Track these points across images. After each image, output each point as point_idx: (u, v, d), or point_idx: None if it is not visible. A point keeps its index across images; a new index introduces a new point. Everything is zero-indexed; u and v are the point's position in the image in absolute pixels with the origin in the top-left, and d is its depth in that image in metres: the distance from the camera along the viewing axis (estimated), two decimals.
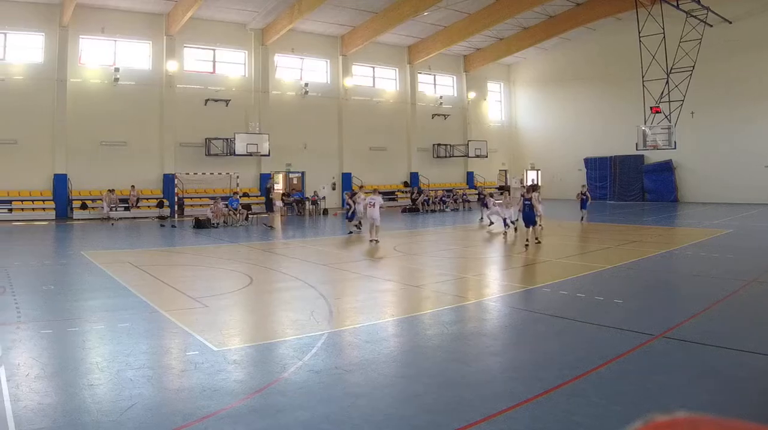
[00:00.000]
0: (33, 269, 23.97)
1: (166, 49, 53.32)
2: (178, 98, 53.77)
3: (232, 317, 16.75)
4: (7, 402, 9.58)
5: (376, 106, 66.63)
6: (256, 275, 23.25)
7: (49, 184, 49.23)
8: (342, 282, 21.95)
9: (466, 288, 20.80)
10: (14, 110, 47.13)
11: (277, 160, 58.72)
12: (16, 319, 15.36)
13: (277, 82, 60.04)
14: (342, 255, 29.86)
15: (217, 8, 52.70)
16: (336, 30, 61.43)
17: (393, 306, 18.18)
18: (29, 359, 12.16)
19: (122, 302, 17.62)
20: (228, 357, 12.34)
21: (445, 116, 71.82)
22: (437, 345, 13.65)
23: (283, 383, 10.79)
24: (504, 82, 79.81)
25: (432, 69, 71.08)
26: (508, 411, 9.40)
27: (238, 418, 9.29)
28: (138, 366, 11.60)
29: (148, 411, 9.48)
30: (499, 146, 76.63)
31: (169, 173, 53.45)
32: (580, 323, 15.16)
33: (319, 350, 12.78)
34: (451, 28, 62.51)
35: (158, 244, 34.97)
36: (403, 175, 68.54)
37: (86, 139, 49.87)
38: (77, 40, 50.26)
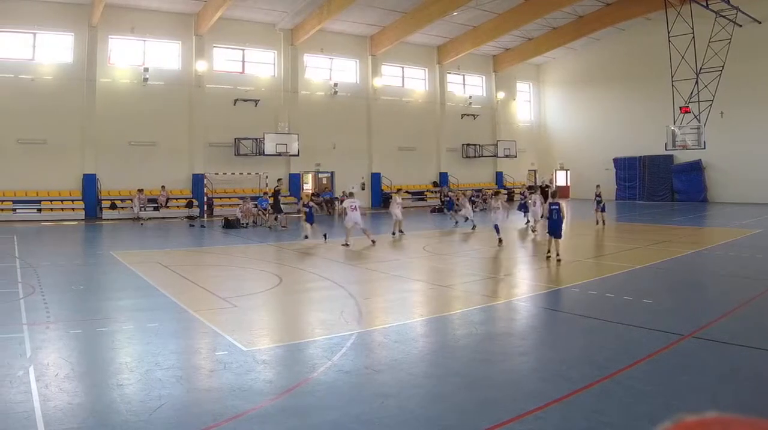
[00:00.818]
0: (62, 269, 23.82)
1: (196, 49, 52.62)
2: (208, 98, 53.11)
3: (261, 317, 16.67)
4: (37, 402, 9.53)
5: (406, 106, 65.68)
6: (285, 275, 23.07)
7: (78, 185, 48.61)
8: (371, 282, 21.82)
9: (495, 288, 20.53)
10: (44, 110, 46.56)
11: (307, 160, 57.86)
12: (45, 319, 15.30)
13: (307, 82, 59.20)
14: (371, 255, 29.18)
15: (247, 8, 51.95)
16: (365, 30, 60.57)
17: (422, 306, 18.05)
18: (58, 359, 12.10)
19: (151, 302, 17.63)
20: (257, 357, 12.26)
21: (474, 116, 70.74)
22: (466, 345, 13.59)
23: (312, 383, 10.71)
24: (533, 82, 78.58)
25: (461, 69, 69.92)
26: (537, 411, 9.29)
27: (267, 418, 9.24)
28: (167, 366, 11.55)
29: (177, 411, 9.44)
30: (527, 146, 75.41)
31: (198, 173, 52.70)
32: (609, 322, 15.09)
33: (348, 350, 12.71)
34: (480, 28, 61.55)
35: (187, 244, 34.63)
36: (432, 175, 67.49)
37: (115, 139, 49.25)
38: (107, 40, 49.66)
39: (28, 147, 46.69)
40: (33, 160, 46.62)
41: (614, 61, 69.11)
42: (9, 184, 45.90)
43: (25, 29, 46.91)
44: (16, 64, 46.66)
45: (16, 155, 46.25)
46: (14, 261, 25.60)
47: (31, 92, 46.47)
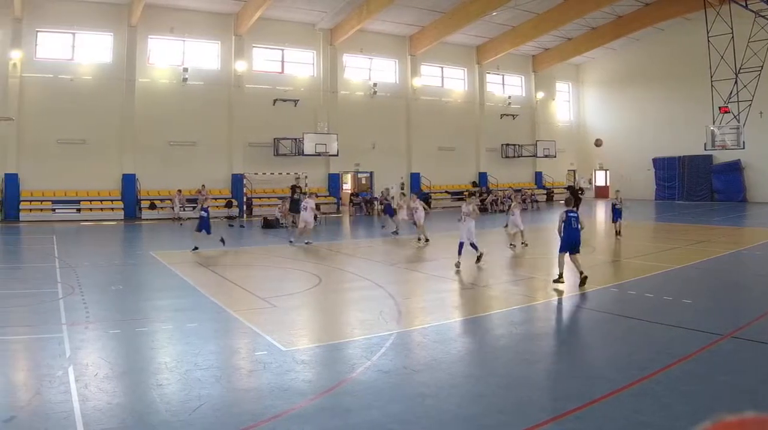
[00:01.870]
0: (101, 270, 23.57)
1: (235, 49, 51.59)
2: (247, 98, 52.05)
3: (300, 317, 16.52)
4: (76, 402, 9.39)
5: (445, 106, 64.05)
6: (324, 275, 22.71)
7: (117, 184, 47.67)
8: (410, 282, 21.67)
9: (535, 288, 20.38)
10: (83, 110, 45.70)
11: (346, 160, 56.58)
12: (84, 319, 15.15)
13: (346, 82, 57.92)
14: (410, 255, 28.91)
15: (286, 8, 50.78)
16: (404, 30, 59.03)
17: (461, 306, 17.88)
18: (98, 359, 11.99)
19: (191, 302, 17.54)
20: (297, 357, 12.15)
21: (514, 116, 68.92)
22: (505, 345, 13.52)
23: (351, 383, 10.60)
24: (572, 82, 76.61)
25: (500, 69, 68.11)
26: (577, 411, 9.19)
27: (307, 418, 9.14)
28: (206, 366, 11.43)
29: (216, 411, 9.35)
30: (567, 146, 73.47)
31: (237, 173, 51.68)
32: (648, 322, 14.93)
33: (387, 350, 12.60)
34: (519, 28, 60.00)
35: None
36: (471, 175, 65.83)
37: (155, 139, 48.34)
38: (146, 40, 48.74)
39: (68, 147, 45.79)
40: (72, 161, 45.70)
41: (653, 61, 67.38)
42: (48, 184, 45.09)
43: (64, 29, 46.05)
44: (56, 64, 45.82)
45: (56, 155, 45.36)
46: (54, 261, 25.30)
47: (70, 92, 45.58)
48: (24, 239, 36.35)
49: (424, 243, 31.43)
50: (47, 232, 36.54)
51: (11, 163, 44.24)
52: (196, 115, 50.00)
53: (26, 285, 20.46)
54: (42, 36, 45.85)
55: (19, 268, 25.26)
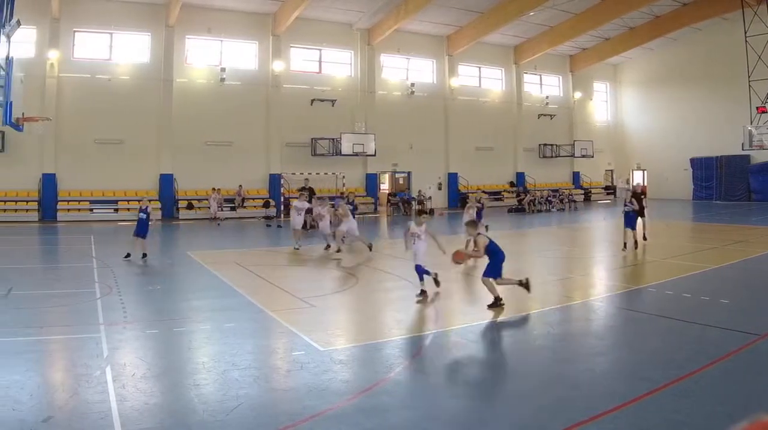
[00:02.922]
0: (139, 270, 23.05)
1: (273, 49, 50.29)
2: (285, 98, 50.79)
3: (338, 317, 16.31)
4: (113, 402, 9.29)
5: (482, 106, 62.22)
6: (362, 275, 22.20)
7: (155, 184, 46.53)
8: (448, 282, 20.18)
9: (572, 288, 19.80)
10: (120, 110, 44.78)
11: (383, 160, 55.10)
12: (122, 319, 14.92)
13: (383, 82, 56.35)
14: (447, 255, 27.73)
15: (324, 8, 49.36)
16: (442, 30, 57.34)
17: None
18: (135, 359, 11.82)
19: (228, 302, 17.15)
20: (334, 357, 11.94)
21: (551, 116, 67.00)
22: (543, 345, 13.29)
23: (389, 383, 10.46)
24: (610, 82, 74.25)
25: (538, 69, 66.22)
26: (614, 411, 9.05)
27: (344, 418, 8.99)
28: (244, 366, 11.30)
29: (254, 411, 9.22)
30: (605, 146, 71.37)
31: (275, 173, 50.39)
32: (685, 322, 14.68)
33: (425, 350, 12.52)
34: (557, 28, 58.31)
35: (264, 244, 33.30)
36: (509, 175, 64.00)
37: (192, 139, 47.27)
38: (183, 40, 47.66)
39: (105, 147, 44.81)
40: (110, 161, 44.80)
41: (691, 61, 65.17)
42: (86, 184, 44.20)
43: (102, 29, 45.05)
44: (93, 64, 44.84)
45: (93, 155, 44.48)
46: (91, 261, 24.79)
47: (108, 92, 44.62)
48: (62, 239, 35.41)
49: (333, 251, 28.07)
50: (85, 232, 35.92)
51: (49, 164, 43.30)
52: (233, 115, 48.91)
53: (64, 285, 19.94)
54: (79, 36, 44.78)
55: (57, 268, 24.66)
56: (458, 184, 59.97)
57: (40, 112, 35.49)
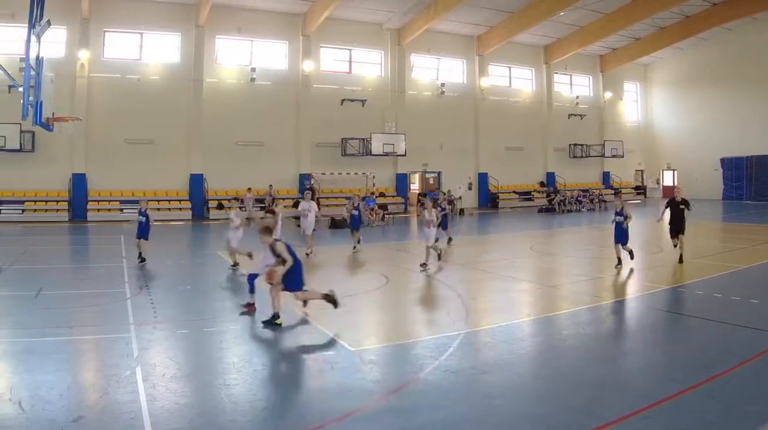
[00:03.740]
0: (169, 270, 22.73)
1: (303, 49, 49.05)
2: (315, 98, 49.56)
3: (368, 317, 16.06)
4: (144, 402, 9.15)
5: (513, 106, 60.54)
6: (392, 275, 21.75)
7: (185, 185, 45.53)
8: (478, 282, 20.62)
9: (602, 288, 19.44)
10: (150, 110, 43.83)
11: (414, 160, 53.67)
12: (152, 319, 14.76)
13: (413, 82, 54.83)
14: (478, 254, 27.69)
15: (354, 8, 48.14)
16: (472, 30, 55.83)
17: (529, 306, 17.08)
18: (165, 359, 11.62)
19: (258, 302, 16.14)
20: (364, 357, 11.70)
21: (581, 116, 65.15)
22: (573, 345, 12.95)
23: (419, 383, 10.28)
24: (640, 82, 72.25)
25: (568, 69, 64.46)
26: (644, 411, 8.87)
27: (374, 418, 8.86)
28: (274, 366, 11.35)
29: (284, 411, 9.21)
30: (635, 146, 69.42)
31: (305, 173, 48.96)
32: (715, 322, 14.38)
33: (455, 350, 12.09)
34: (587, 28, 56.77)
35: (294, 244, 32.07)
36: (539, 175, 62.36)
37: (222, 139, 46.20)
38: (213, 40, 46.53)
39: (135, 147, 43.81)
40: (140, 161, 43.74)
41: (721, 61, 63.30)
42: (116, 184, 43.11)
43: (132, 29, 44.10)
44: (123, 64, 43.87)
45: (124, 155, 43.46)
46: (121, 261, 24.31)
47: (138, 92, 43.62)
48: (91, 239, 34.39)
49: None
50: (115, 232, 34.90)
51: (79, 164, 42.30)
52: (263, 115, 47.80)
53: (94, 285, 19.49)
54: (109, 36, 43.77)
55: (87, 268, 23.90)
56: (488, 184, 58.35)
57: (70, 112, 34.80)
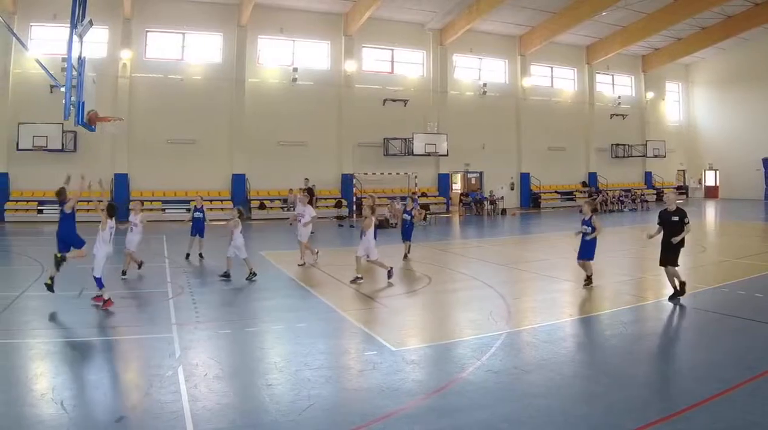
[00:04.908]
0: (211, 269, 21.91)
1: (345, 49, 47.05)
2: (357, 98, 47.62)
3: (410, 316, 15.47)
4: (186, 402, 8.94)
5: (555, 106, 58.06)
6: (434, 275, 21.10)
7: (227, 184, 43.82)
8: (520, 282, 20.15)
9: (645, 288, 18.86)
10: (193, 110, 42.35)
11: (455, 160, 51.55)
12: (194, 319, 14.38)
13: (455, 82, 52.52)
14: (521, 255, 26.97)
15: (396, 8, 46.01)
16: (514, 30, 53.38)
17: (571, 306, 16.48)
18: (207, 359, 11.34)
19: (300, 302, 16.64)
20: (406, 357, 11.40)
21: (623, 116, 62.29)
22: (615, 345, 12.58)
23: (461, 383, 10.02)
24: (682, 82, 68.95)
25: (610, 69, 61.56)
26: (686, 411, 8.66)
27: (416, 418, 8.61)
28: (316, 366, 10.85)
29: (326, 411, 8.85)
30: (677, 146, 66.35)
31: (347, 173, 47.19)
32: (757, 322, 13.88)
33: (497, 350, 11.80)
34: (629, 28, 54.29)
35: (336, 244, 31.41)
36: (581, 175, 59.83)
37: (264, 139, 44.47)
38: (255, 40, 44.71)
39: (177, 147, 42.18)
40: (182, 160, 42.15)
41: (763, 61, 60.09)
42: (159, 184, 41.55)
43: (174, 29, 42.48)
44: (165, 64, 42.24)
45: (166, 155, 41.84)
46: (164, 261, 23.95)
47: (180, 92, 42.08)
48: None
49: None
50: (157, 232, 33.31)
51: (121, 164, 40.62)
52: (305, 115, 45.78)
53: (136, 285, 19.10)
54: (151, 36, 42.06)
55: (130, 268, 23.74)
56: (530, 184, 55.77)
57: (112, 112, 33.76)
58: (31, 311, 15.26)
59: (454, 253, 27.10)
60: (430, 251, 27.60)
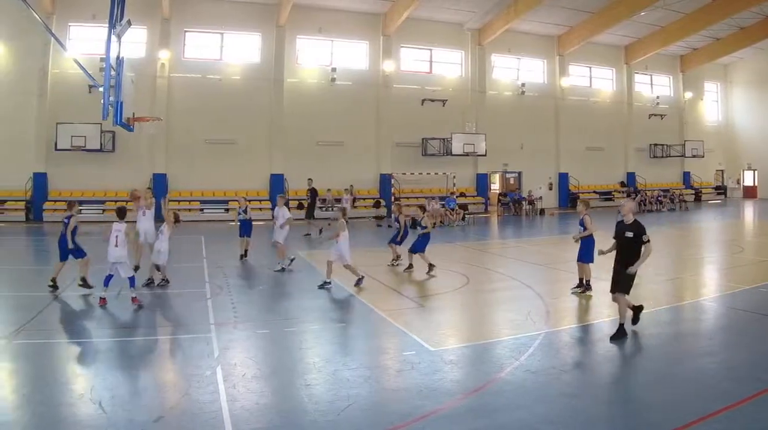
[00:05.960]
0: (249, 269, 21.78)
1: (383, 49, 45.23)
2: (395, 98, 45.70)
3: (448, 316, 15.15)
4: (224, 402, 8.73)
5: (593, 106, 55.85)
6: (472, 275, 20.45)
7: (265, 184, 42.16)
8: (559, 282, 19.25)
9: (683, 288, 18.42)
10: (231, 110, 41.09)
11: (494, 160, 49.48)
12: (232, 319, 14.09)
13: (494, 82, 50.47)
14: (559, 255, 25.50)
15: (434, 8, 44.01)
16: (552, 30, 51.35)
17: (609, 307, 15.07)
18: (246, 359, 11.15)
19: (339, 302, 16.29)
20: (445, 357, 11.11)
21: (662, 116, 59.78)
22: (653, 345, 12.19)
23: (499, 383, 9.79)
24: (720, 82, 66.03)
25: (648, 69, 59.12)
26: (726, 411, 8.36)
27: (454, 418, 8.39)
28: (355, 366, 10.57)
29: (364, 411, 8.61)
30: (715, 146, 63.50)
31: (385, 173, 45.40)
32: None
33: (535, 350, 11.47)
34: (667, 28, 51.93)
35: (374, 244, 30.06)
36: (619, 175, 57.44)
37: (302, 139, 42.86)
38: (294, 40, 43.00)
39: (216, 147, 40.72)
40: (220, 161, 40.70)
41: None
42: (197, 184, 40.16)
43: (212, 29, 40.93)
44: (204, 64, 40.75)
45: (204, 155, 40.46)
46: (202, 261, 23.43)
47: (218, 92, 40.65)
48: (172, 239, 33.44)
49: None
50: (196, 232, 32.44)
51: (160, 164, 39.05)
52: (344, 115, 44.06)
53: (175, 285, 18.39)
54: (190, 36, 40.50)
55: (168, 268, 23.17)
56: (569, 184, 53.28)
57: (150, 112, 32.74)
58: (69, 311, 15.02)
59: (493, 253, 26.44)
60: (468, 251, 26.79)
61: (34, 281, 19.01)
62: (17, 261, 24.61)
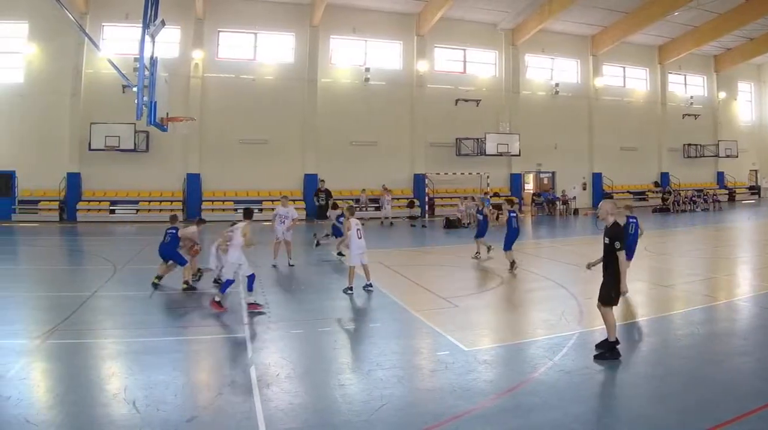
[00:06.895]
0: (282, 269, 20.95)
1: (417, 49, 43.62)
2: (429, 98, 44.06)
3: (482, 316, 14.66)
4: (258, 402, 8.56)
5: (627, 106, 54.00)
6: (506, 275, 19.86)
7: (299, 184, 40.66)
8: (593, 282, 14.75)
9: (717, 288, 17.69)
10: (265, 110, 39.76)
11: (527, 160, 47.70)
12: (266, 319, 13.76)
13: (527, 82, 48.70)
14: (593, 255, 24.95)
15: (468, 8, 42.30)
16: (586, 30, 49.30)
17: (642, 306, 15.39)
18: (280, 359, 10.86)
19: (373, 302, 15.83)
20: (478, 357, 10.78)
21: (695, 116, 57.52)
22: (687, 345, 11.73)
23: (533, 383, 9.49)
24: (754, 82, 63.51)
25: (682, 69, 56.81)
26: (760, 411, 8.06)
27: (488, 418, 8.15)
28: (389, 366, 10.34)
29: (398, 411, 8.39)
30: (749, 146, 61.09)
31: (419, 173, 43.63)
32: None
33: (569, 350, 11.15)
34: (701, 28, 49.73)
35: (409, 244, 29.88)
36: (653, 175, 55.32)
37: (336, 139, 41.61)
38: (328, 40, 41.44)
39: (250, 147, 39.34)
40: (254, 160, 39.39)
41: None
42: (230, 184, 38.80)
43: (246, 29, 39.44)
44: (238, 64, 39.28)
45: (238, 155, 39.04)
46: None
47: (252, 92, 39.24)
48: (206, 239, 32.25)
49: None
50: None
51: (193, 164, 37.65)
52: (377, 115, 42.42)
53: (208, 285, 17.90)
54: (224, 36, 38.97)
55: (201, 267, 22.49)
56: (602, 184, 50.83)
57: (184, 112, 31.72)
58: (103, 311, 14.77)
59: (526, 253, 25.27)
60: (501, 251, 25.88)
61: (68, 281, 18.78)
62: (51, 261, 24.19)
